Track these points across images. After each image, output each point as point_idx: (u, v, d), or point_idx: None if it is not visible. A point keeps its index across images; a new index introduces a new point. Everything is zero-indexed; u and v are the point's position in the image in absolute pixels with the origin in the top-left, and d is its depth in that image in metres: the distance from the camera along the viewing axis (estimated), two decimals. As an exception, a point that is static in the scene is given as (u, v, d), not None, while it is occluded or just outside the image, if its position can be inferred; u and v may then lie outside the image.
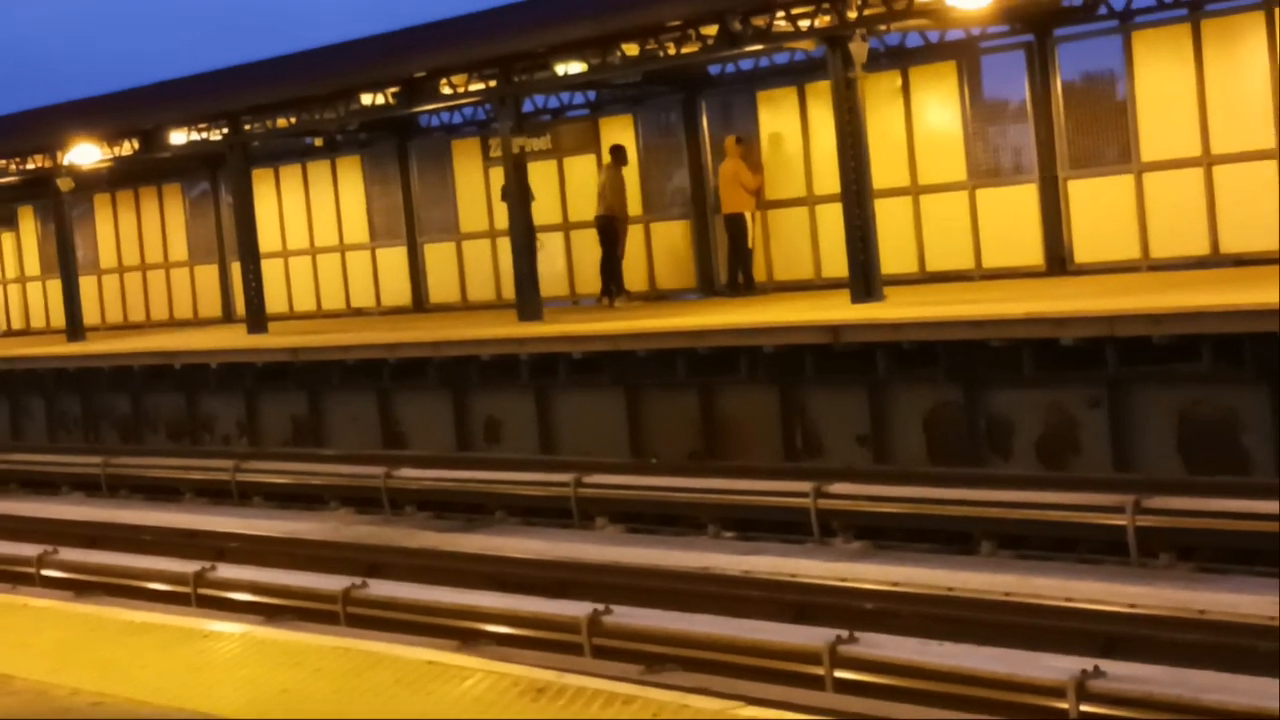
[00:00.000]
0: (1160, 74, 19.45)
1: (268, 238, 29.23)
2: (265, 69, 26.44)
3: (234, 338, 26.92)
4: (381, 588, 12.85)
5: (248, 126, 27.15)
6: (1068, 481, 14.65)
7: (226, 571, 14.18)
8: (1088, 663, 8.76)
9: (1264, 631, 10.13)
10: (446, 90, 24.06)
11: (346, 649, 7.80)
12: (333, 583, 13.04)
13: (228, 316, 32.51)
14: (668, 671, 10.15)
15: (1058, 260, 20.73)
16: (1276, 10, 18.59)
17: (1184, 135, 19.30)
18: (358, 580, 12.92)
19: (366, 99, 24.92)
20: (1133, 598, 11.33)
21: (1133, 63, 19.86)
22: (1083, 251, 20.54)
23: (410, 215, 29.07)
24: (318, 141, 30.27)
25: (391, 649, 7.85)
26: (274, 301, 28.96)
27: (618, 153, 24.48)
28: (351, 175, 30.03)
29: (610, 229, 24.16)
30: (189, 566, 14.26)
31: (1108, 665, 8.77)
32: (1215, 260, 19.07)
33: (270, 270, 28.99)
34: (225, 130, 27.33)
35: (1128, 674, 8.72)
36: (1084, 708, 8.48)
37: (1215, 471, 14.74)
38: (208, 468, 21.58)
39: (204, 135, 28.15)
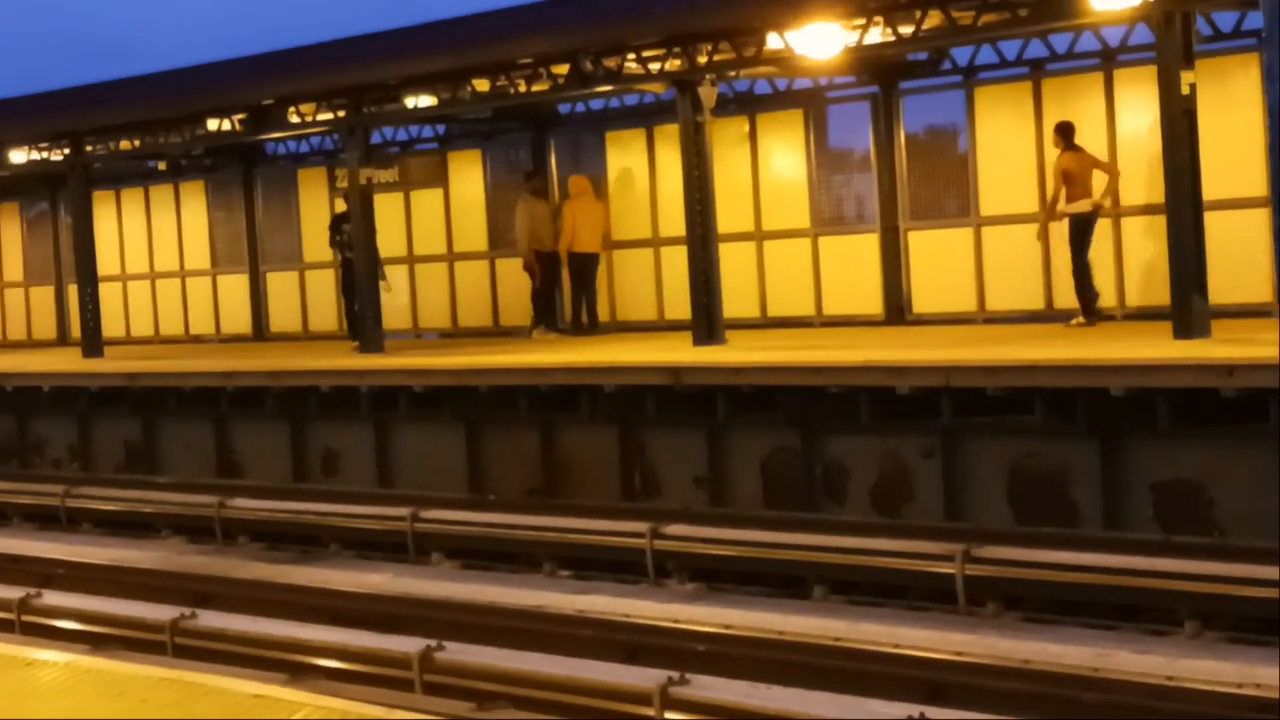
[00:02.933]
0: (1001, 130, 19.80)
1: (107, 260, 28.86)
2: (110, 90, 26.11)
3: (68, 361, 26.50)
4: (211, 619, 12.71)
5: (90, 147, 26.79)
6: (900, 529, 14.81)
7: (52, 598, 13.96)
8: (914, 709, 8.87)
9: (1087, 682, 10.30)
10: (294, 118, 23.90)
11: (173, 680, 7.72)
12: (161, 612, 12.89)
13: (63, 339, 31.98)
14: (499, 709, 10.14)
15: (896, 309, 21.00)
16: (1115, 71, 19.02)
17: (1022, 190, 19.64)
18: (187, 610, 12.77)
19: (213, 124, 24.69)
20: (960, 645, 11.48)
21: (974, 118, 20.20)
22: (921, 301, 20.82)
23: (253, 243, 28.82)
24: (161, 165, 29.92)
25: (219, 681, 7.78)
26: (111, 325, 28.56)
27: (534, 178, 23.99)
28: (195, 200, 29.72)
29: (553, 261, 23.63)
30: (13, 593, 14.01)
31: (933, 712, 8.88)
32: (1049, 315, 19.41)
33: (108, 294, 28.59)
34: (67, 150, 26.95)
35: (952, 721, 8.84)
36: (909, 754, 8.58)
37: (1044, 523, 14.96)
38: (37, 492, 21.22)
39: (44, 155, 27.72)
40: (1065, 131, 18.41)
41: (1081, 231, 18.22)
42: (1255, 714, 9.34)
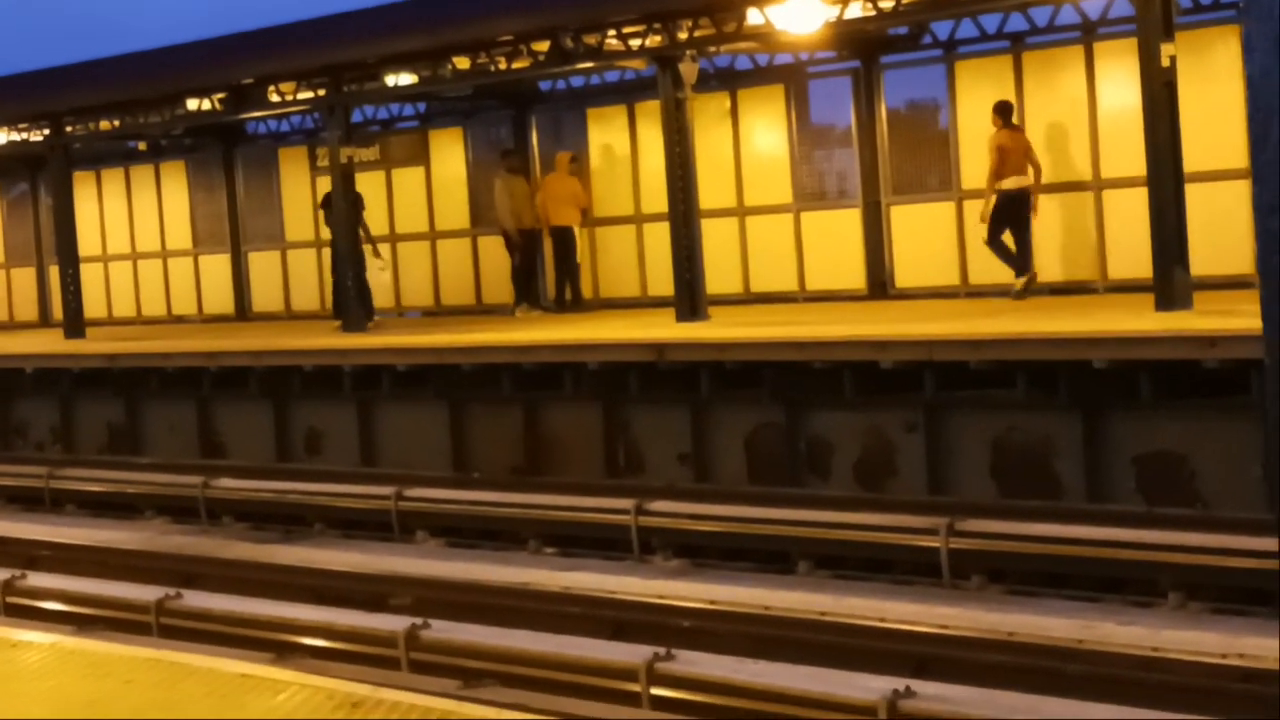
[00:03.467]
0: (982, 103, 19.80)
1: (88, 241, 28.78)
2: (89, 70, 26.03)
3: (50, 342, 26.44)
4: (196, 599, 12.70)
5: (70, 128, 26.71)
6: (884, 503, 14.83)
7: (37, 580, 13.93)
8: (900, 682, 8.89)
9: (1071, 654, 10.33)
10: (275, 98, 23.85)
11: (158, 660, 7.71)
12: (146, 593, 12.87)
13: (45, 320, 31.93)
14: (485, 687, 10.14)
15: (879, 284, 21.02)
16: (1095, 44, 19.03)
17: (1005, 165, 19.62)
18: (172, 591, 12.75)
19: (193, 104, 24.63)
20: (944, 619, 11.49)
21: (955, 92, 20.21)
22: (904, 276, 20.84)
23: (235, 223, 28.78)
24: (142, 145, 29.85)
25: (204, 661, 7.78)
26: (93, 306, 28.52)
27: (511, 156, 23.96)
28: (176, 180, 29.66)
29: (532, 238, 23.67)
30: (-2, 575, 13.98)
31: (919, 685, 8.90)
32: (1033, 289, 19.42)
33: (90, 275, 28.55)
34: (46, 131, 26.87)
35: (938, 694, 8.85)
36: (895, 727, 8.60)
37: (1028, 496, 15.00)
38: (20, 474, 21.18)
39: (24, 136, 27.64)
40: (1004, 111, 18.73)
41: (1006, 208, 18.36)
42: (1240, 684, 9.37)
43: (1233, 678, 9.52)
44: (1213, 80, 17.60)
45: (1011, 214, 18.54)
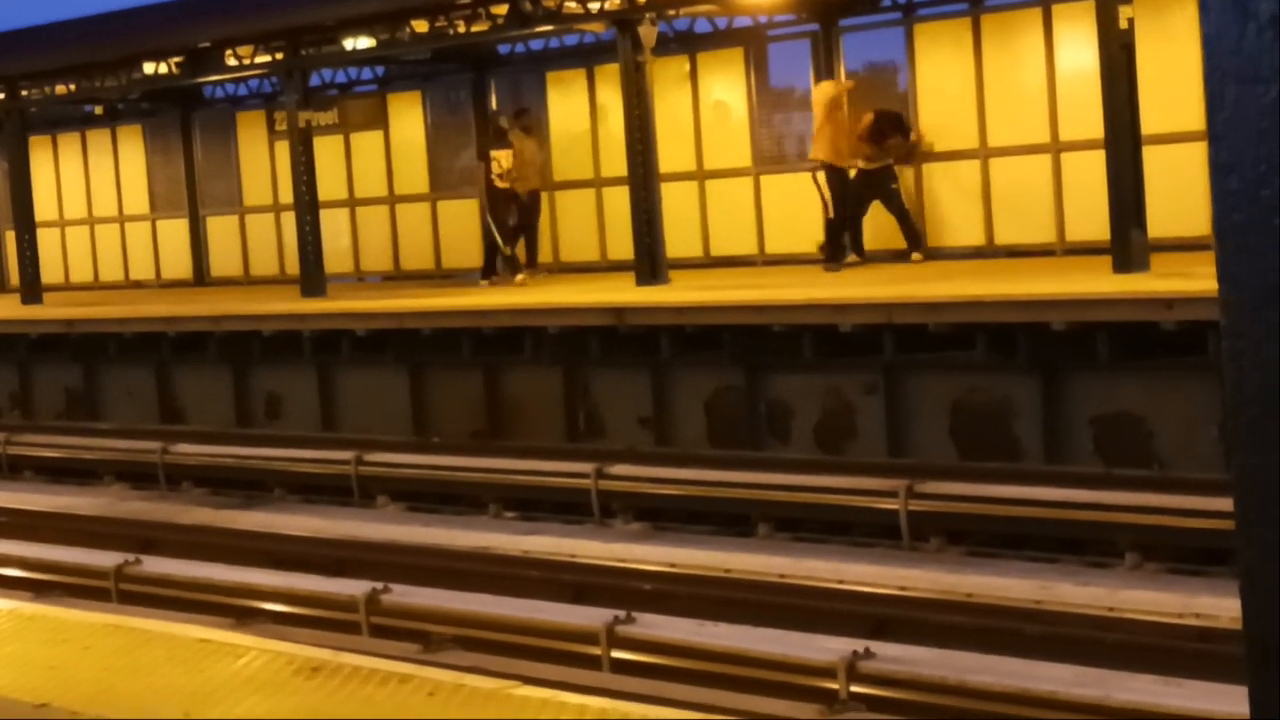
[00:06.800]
0: (940, 67, 19.82)
1: (44, 207, 28.62)
2: (45, 34, 25.85)
3: (7, 308, 26.31)
4: (156, 564, 12.68)
5: (25, 92, 26.53)
6: (843, 466, 14.88)
7: (-5, 547, 13.90)
8: (859, 644, 8.94)
9: (1029, 615, 10.39)
10: (232, 61, 23.72)
11: (117, 626, 7.69)
12: (105, 559, 12.85)
13: (1, 286, 31.76)
14: (446, 651, 10.15)
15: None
16: (1053, 6, 19.04)
17: (963, 127, 19.68)
18: (131, 557, 12.73)
19: (150, 68, 24.48)
20: (903, 580, 11.55)
21: (914, 55, 20.21)
22: (864, 238, 20.83)
23: (193, 187, 28.64)
24: (98, 110, 29.68)
25: (164, 626, 7.77)
26: (50, 272, 28.36)
27: (525, 116, 23.24)
28: (132, 145, 29.50)
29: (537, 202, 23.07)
30: (-44, 541, 13.94)
31: (878, 646, 8.95)
32: (990, 251, 19.50)
33: (46, 240, 28.38)
34: (1, 96, 26.68)
35: (897, 655, 8.91)
36: (854, 688, 8.65)
37: (987, 458, 15.06)
38: (-23, 441, 21.10)
39: (-21, 100, 27.46)
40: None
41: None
42: (1197, 643, 9.44)
43: (1190, 637, 9.58)
44: (1171, 42, 17.62)
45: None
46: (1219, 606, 9.57)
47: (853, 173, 19.80)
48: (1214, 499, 11.21)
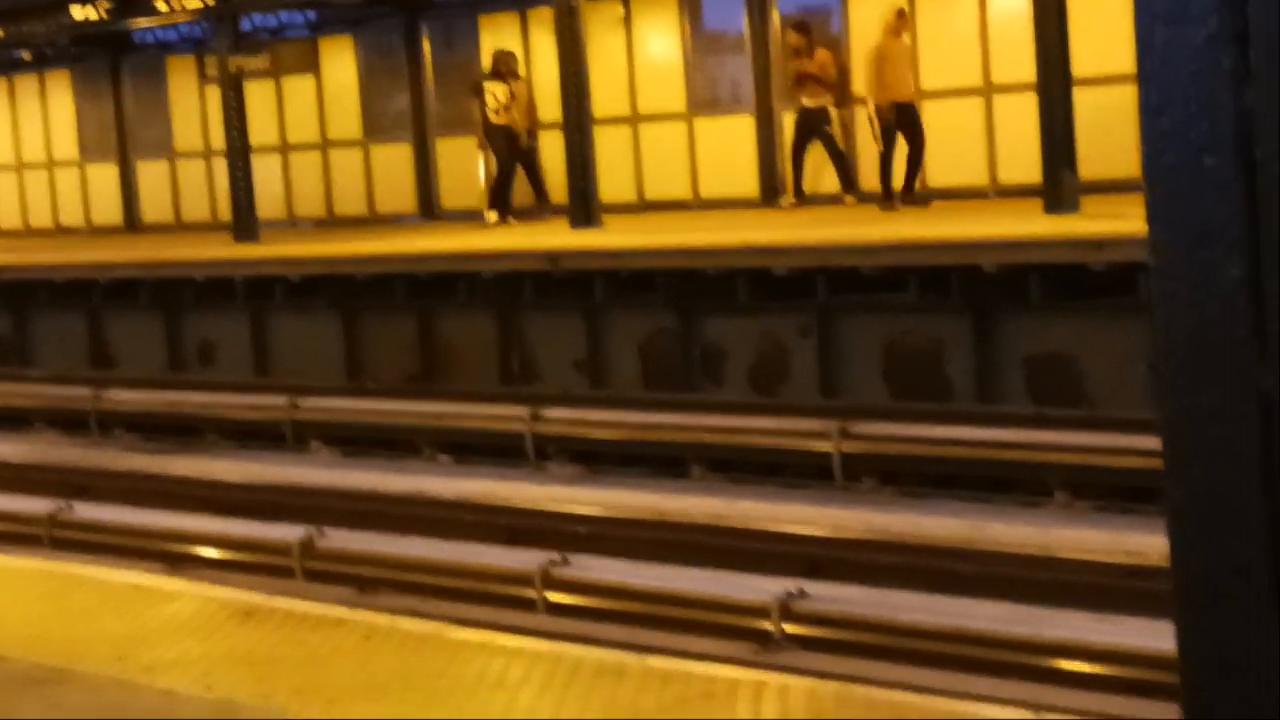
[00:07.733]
0: (874, 11, 19.79)
1: (-28, 153, 28.36)
2: (-30, -23, 25.55)
3: (-64, 255, 26.07)
4: (88, 510, 12.64)
5: (-49, 37, 26.24)
6: (777, 408, 14.93)
7: (-75, 495, 13.81)
8: (793, 584, 9.00)
9: (963, 554, 10.48)
10: (162, 6, 23.49)
11: (49, 572, 7.68)
12: (37, 505, 12.79)
13: (-71, 233, 31.47)
14: (380, 594, 10.17)
15: (772, 191, 21.05)
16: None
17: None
18: (64, 503, 12.67)
19: (78, 13, 24.23)
20: (837, 521, 11.63)
21: (848, -2, 20.21)
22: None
23: (122, 133, 28.39)
24: (26, 55, 29.35)
25: (96, 572, 7.75)
26: (-22, 218, 28.13)
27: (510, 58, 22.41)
28: (61, 91, 29.21)
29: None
30: (-115, 489, 13.84)
31: (811, 586, 9.01)
32: (923, 194, 19.54)
33: (-26, 186, 28.13)
34: (-73, 40, 26.39)
35: (830, 594, 8.98)
36: (787, 627, 8.71)
37: (919, 398, 15.15)
38: (-93, 389, 20.93)
39: (-96, 45, 27.13)
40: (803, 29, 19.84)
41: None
42: (1127, 580, 9.54)
43: (1120, 574, 9.69)
44: (1102, -15, 17.66)
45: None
46: (1148, 544, 9.67)
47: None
48: (1143, 438, 11.31)
